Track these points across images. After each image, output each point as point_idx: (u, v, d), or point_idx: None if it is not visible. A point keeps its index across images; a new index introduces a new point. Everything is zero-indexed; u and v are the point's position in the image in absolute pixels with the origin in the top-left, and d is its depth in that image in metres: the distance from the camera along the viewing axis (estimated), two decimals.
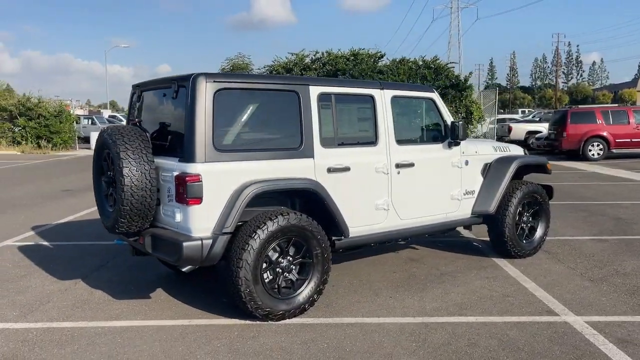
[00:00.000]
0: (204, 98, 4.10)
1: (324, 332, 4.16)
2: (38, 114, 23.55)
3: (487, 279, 5.43)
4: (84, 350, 3.89)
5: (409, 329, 4.20)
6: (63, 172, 16.17)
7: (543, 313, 4.53)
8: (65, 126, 24.03)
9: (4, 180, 14.02)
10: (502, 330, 4.18)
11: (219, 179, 4.11)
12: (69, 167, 18.08)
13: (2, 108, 23.52)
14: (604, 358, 3.71)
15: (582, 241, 6.99)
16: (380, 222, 5.07)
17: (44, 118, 23.57)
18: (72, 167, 17.78)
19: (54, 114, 23.82)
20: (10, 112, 23.51)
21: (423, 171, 5.32)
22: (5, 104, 23.52)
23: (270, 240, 4.24)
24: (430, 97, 5.51)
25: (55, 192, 11.46)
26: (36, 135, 23.45)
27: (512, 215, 5.91)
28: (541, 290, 5.07)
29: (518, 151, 6.45)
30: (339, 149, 4.78)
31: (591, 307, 4.63)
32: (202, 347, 3.91)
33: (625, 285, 5.21)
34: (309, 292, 4.50)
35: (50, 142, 23.36)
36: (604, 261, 6.05)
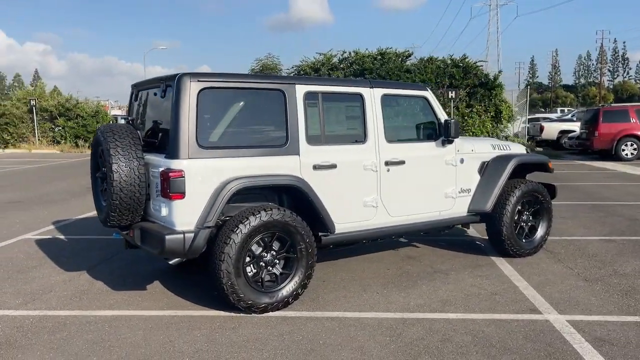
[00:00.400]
0: (188, 97, 4.26)
1: (303, 325, 4.26)
2: (76, 115, 24.39)
3: (479, 277, 5.43)
4: (72, 336, 4.09)
5: (387, 324, 4.26)
6: None
7: (526, 311, 4.51)
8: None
9: (39, 178, 14.62)
10: (480, 327, 4.19)
11: (201, 175, 4.25)
12: None
13: (43, 109, 24.44)
14: (574, 356, 3.69)
15: (589, 241, 6.88)
16: (369, 219, 5.13)
17: (82, 118, 24.40)
18: None
19: (91, 114, 24.62)
20: (51, 113, 24.41)
21: (414, 169, 5.36)
22: (47, 104, 24.43)
23: (253, 234, 4.36)
24: (424, 95, 5.54)
25: (82, 189, 11.89)
26: (74, 134, 24.29)
27: (509, 214, 5.88)
28: (531, 289, 5.04)
29: (519, 150, 6.40)
30: (326, 147, 4.86)
31: (577, 307, 4.59)
32: (182, 336, 4.07)
33: (620, 286, 5.12)
34: (292, 286, 4.60)
35: (87, 142, 24.14)
36: (606, 261, 5.95)
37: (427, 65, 19.86)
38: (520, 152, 6.35)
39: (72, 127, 24.30)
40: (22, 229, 7.92)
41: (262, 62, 22.83)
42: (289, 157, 4.64)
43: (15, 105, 24.86)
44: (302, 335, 4.07)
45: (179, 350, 3.83)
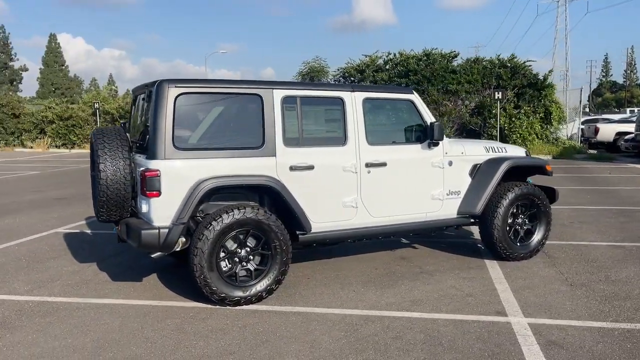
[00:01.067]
0: (166, 101, 4.58)
1: (268, 319, 4.48)
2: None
3: (462, 279, 5.47)
4: (59, 320, 4.49)
5: (349, 320, 4.42)
6: None
7: (492, 313, 4.54)
8: None
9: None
10: (437, 326, 4.27)
11: (177, 174, 4.56)
12: None
13: (105, 111, 25.86)
14: (518, 357, 3.73)
15: (596, 247, 6.72)
16: (349, 219, 5.28)
17: None
18: None
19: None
20: (112, 115, 25.79)
21: (397, 171, 5.46)
22: (109, 107, 25.84)
23: (226, 231, 4.62)
24: (409, 98, 5.63)
25: None
26: None
27: (501, 217, 5.87)
28: (509, 292, 5.04)
29: (517, 152, 6.35)
30: (304, 149, 5.06)
31: (547, 311, 4.57)
32: (154, 324, 4.39)
33: (604, 292, 5.04)
34: (267, 281, 4.82)
35: None
36: (602, 267, 5.83)
37: (473, 66, 19.58)
38: (517, 155, 6.30)
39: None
40: (57, 223, 8.55)
41: (309, 64, 23.20)
42: (265, 159, 4.87)
43: (81, 108, 26.43)
44: (264, 328, 4.29)
45: (146, 337, 4.14)
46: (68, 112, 26.23)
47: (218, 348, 3.94)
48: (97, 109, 25.46)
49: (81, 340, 4.11)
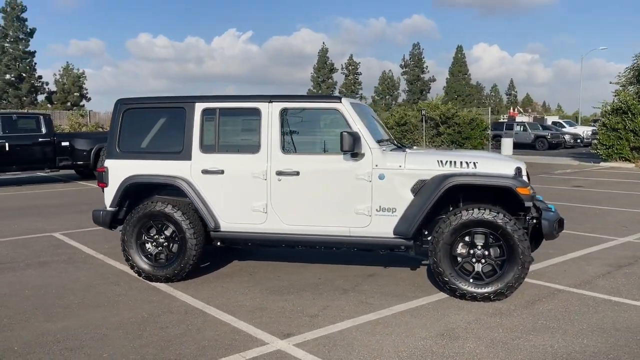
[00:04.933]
0: (117, 115, 6.01)
1: (145, 292, 5.42)
2: (454, 122, 26.59)
3: (349, 296, 5.10)
4: (46, 271, 6.48)
5: (194, 311, 5.00)
6: None
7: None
8: (476, 133, 26.25)
9: None
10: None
11: (116, 171, 5.93)
12: None
13: (430, 117, 27.64)
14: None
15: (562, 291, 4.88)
16: (259, 224, 5.62)
17: (458, 125, 26.42)
18: None
19: (467, 122, 26.35)
20: (435, 121, 27.36)
21: (311, 181, 5.45)
22: (433, 114, 27.51)
23: (142, 220, 5.75)
24: (335, 107, 5.46)
25: None
26: (451, 140, 26.55)
27: (440, 245, 5.08)
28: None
29: (496, 168, 5.21)
30: (218, 155, 5.69)
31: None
32: (105, 283, 5.91)
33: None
34: (178, 265, 5.70)
35: (461, 147, 26.03)
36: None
37: None
38: (493, 172, 5.17)
39: (450, 134, 26.63)
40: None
41: None
42: (182, 162, 5.75)
43: (414, 115, 28.91)
44: (132, 297, 5.28)
45: (69, 288, 5.70)
46: (404, 118, 29.05)
47: (95, 299, 5.20)
48: (423, 116, 27.44)
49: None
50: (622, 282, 5.62)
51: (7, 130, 14.96)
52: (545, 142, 32.19)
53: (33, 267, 6.44)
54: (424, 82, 78.83)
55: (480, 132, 26.20)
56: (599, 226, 8.68)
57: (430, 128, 27.35)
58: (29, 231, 8.59)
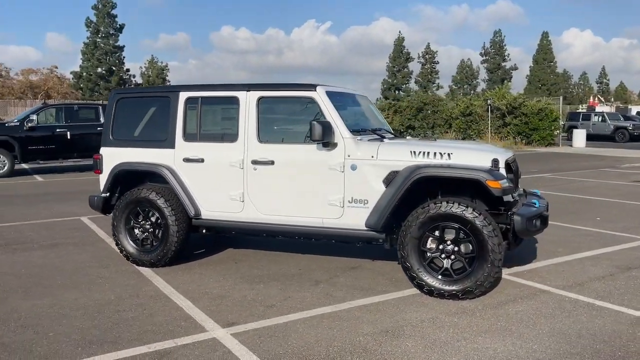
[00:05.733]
0: (111, 104, 6.24)
1: (128, 275, 5.62)
2: (521, 112, 25.41)
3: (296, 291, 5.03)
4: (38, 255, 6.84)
5: (160, 295, 5.14)
6: None
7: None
8: (545, 123, 24.95)
9: None
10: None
11: (109, 159, 6.16)
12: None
13: (496, 107, 26.58)
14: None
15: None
16: (237, 212, 5.65)
17: (525, 116, 25.22)
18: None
19: (535, 112, 25.09)
20: (501, 111, 26.28)
21: (285, 170, 5.41)
22: (499, 104, 26.43)
23: (130, 206, 5.94)
24: (310, 96, 5.36)
25: None
26: (517, 131, 25.41)
27: (408, 239, 4.90)
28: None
29: (470, 159, 4.93)
30: (199, 143, 5.76)
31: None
32: (90, 261, 6.20)
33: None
34: (161, 251, 5.86)
35: (528, 138, 24.86)
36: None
37: None
38: (468, 163, 4.90)
39: (516, 125, 25.48)
40: None
41: None
42: (166, 150, 5.87)
43: (480, 105, 27.94)
44: (111, 280, 5.49)
45: (62, 269, 6.00)
46: (470, 108, 28.14)
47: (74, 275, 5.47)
48: (489, 105, 26.45)
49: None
50: (620, 286, 5.17)
51: (69, 120, 15.94)
52: (627, 133, 30.08)
53: (43, 248, 6.83)
54: (505, 71, 75.86)
55: (550, 123, 24.92)
56: (633, 225, 8.02)
57: (496, 118, 26.36)
58: (61, 214, 9.11)
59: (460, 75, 76.46)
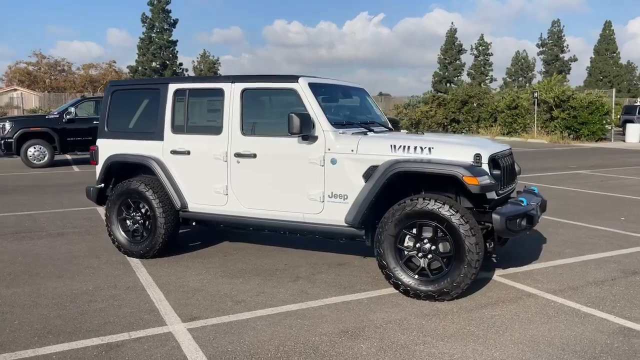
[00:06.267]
0: (107, 96, 6.31)
1: (115, 266, 5.69)
2: (569, 106, 24.33)
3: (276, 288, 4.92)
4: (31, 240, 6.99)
5: (137, 287, 5.18)
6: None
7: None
8: (595, 117, 23.80)
9: None
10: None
11: (104, 150, 6.23)
12: (559, 155, 18.64)
13: (543, 100, 25.57)
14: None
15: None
16: (221, 205, 5.60)
17: (573, 109, 24.13)
18: (563, 156, 18.35)
19: (584, 105, 23.96)
20: (548, 104, 25.25)
21: (267, 164, 5.32)
22: (546, 96, 25.40)
23: (121, 197, 6.00)
24: (292, 87, 5.23)
25: None
26: (565, 125, 24.35)
27: (384, 236, 4.73)
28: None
29: (451, 154, 4.69)
30: (186, 135, 5.74)
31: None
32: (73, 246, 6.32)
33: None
34: (149, 242, 5.88)
35: (577, 132, 23.79)
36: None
37: None
38: (448, 158, 4.67)
39: (564, 119, 24.42)
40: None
41: None
42: (156, 142, 5.89)
43: (526, 98, 26.96)
44: (97, 270, 5.57)
45: (57, 258, 6.14)
46: (516, 101, 27.21)
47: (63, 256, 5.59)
48: (536, 98, 25.49)
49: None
50: (617, 292, 4.82)
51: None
52: None
53: (49, 237, 7.00)
54: (563, 62, 73.05)
55: (600, 117, 23.74)
56: None
57: (543, 112, 25.38)
58: (81, 204, 9.29)
59: (514, 68, 74.13)
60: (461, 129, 29.86)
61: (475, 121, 29.86)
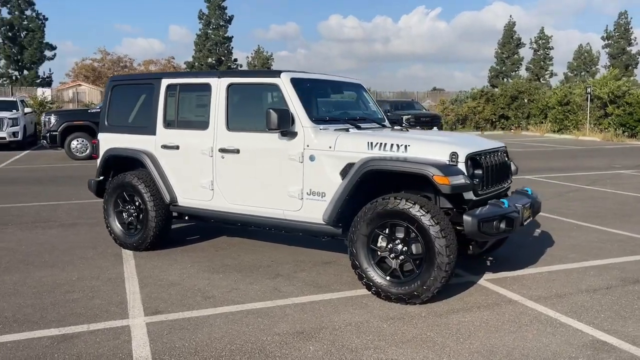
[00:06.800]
0: (107, 91, 6.45)
1: (103, 259, 5.81)
2: (624, 102, 23.09)
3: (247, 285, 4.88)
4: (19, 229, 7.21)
5: (118, 279, 5.28)
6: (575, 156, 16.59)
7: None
8: None
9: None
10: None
11: (104, 144, 6.37)
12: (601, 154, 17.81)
13: (597, 96, 24.39)
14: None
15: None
16: (207, 200, 5.62)
17: (629, 105, 22.88)
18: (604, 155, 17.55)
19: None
20: (602, 100, 24.06)
21: (249, 159, 5.29)
22: (600, 92, 24.22)
23: (117, 190, 6.13)
24: (274, 82, 5.16)
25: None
26: (620, 123, 23.14)
27: (357, 236, 4.62)
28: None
29: (427, 152, 4.51)
30: (176, 130, 5.79)
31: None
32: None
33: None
34: (141, 235, 5.96)
35: (632, 130, 22.56)
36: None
37: None
38: (424, 156, 4.49)
39: (619, 115, 23.21)
40: None
41: None
42: (149, 137, 5.96)
43: (579, 94, 25.81)
44: (89, 261, 5.72)
45: (57, 248, 6.34)
46: (567, 97, 26.12)
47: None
48: (589, 94, 24.36)
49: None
50: (606, 302, 4.51)
51: None
52: None
53: (60, 227, 7.25)
54: (630, 56, 69.43)
55: None
56: None
57: (596, 108, 24.22)
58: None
59: (577, 62, 71.07)
60: (510, 125, 28.93)
61: (525, 117, 28.86)
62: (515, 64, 67.50)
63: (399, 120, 22.00)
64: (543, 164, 14.71)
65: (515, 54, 67.72)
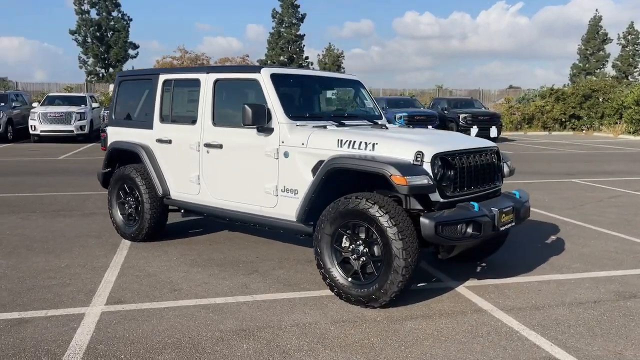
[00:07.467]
0: (115, 86, 6.67)
1: (100, 248, 6.02)
2: None
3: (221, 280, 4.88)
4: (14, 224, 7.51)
5: (102, 268, 5.47)
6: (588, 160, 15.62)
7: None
8: None
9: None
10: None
11: (110, 136, 6.62)
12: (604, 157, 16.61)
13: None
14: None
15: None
16: (195, 194, 5.69)
17: None
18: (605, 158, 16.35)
19: None
20: None
21: (231, 155, 5.30)
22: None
23: (118, 182, 6.33)
24: (254, 78, 5.13)
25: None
26: None
27: (321, 235, 4.54)
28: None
29: (393, 151, 4.34)
30: (170, 125, 5.89)
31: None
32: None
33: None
34: (138, 226, 6.15)
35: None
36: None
37: None
38: (390, 155, 4.32)
39: None
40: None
41: None
42: (147, 131, 6.11)
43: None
44: (84, 250, 5.96)
45: (64, 235, 6.65)
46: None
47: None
48: None
49: None
50: (583, 317, 4.16)
51: None
52: None
53: (79, 216, 7.58)
54: None
55: None
56: None
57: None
58: None
59: None
60: (581, 125, 27.42)
61: (599, 117, 27.25)
62: (599, 60, 63.79)
63: (455, 118, 21.45)
64: (598, 167, 13.84)
65: (600, 50, 64.01)
